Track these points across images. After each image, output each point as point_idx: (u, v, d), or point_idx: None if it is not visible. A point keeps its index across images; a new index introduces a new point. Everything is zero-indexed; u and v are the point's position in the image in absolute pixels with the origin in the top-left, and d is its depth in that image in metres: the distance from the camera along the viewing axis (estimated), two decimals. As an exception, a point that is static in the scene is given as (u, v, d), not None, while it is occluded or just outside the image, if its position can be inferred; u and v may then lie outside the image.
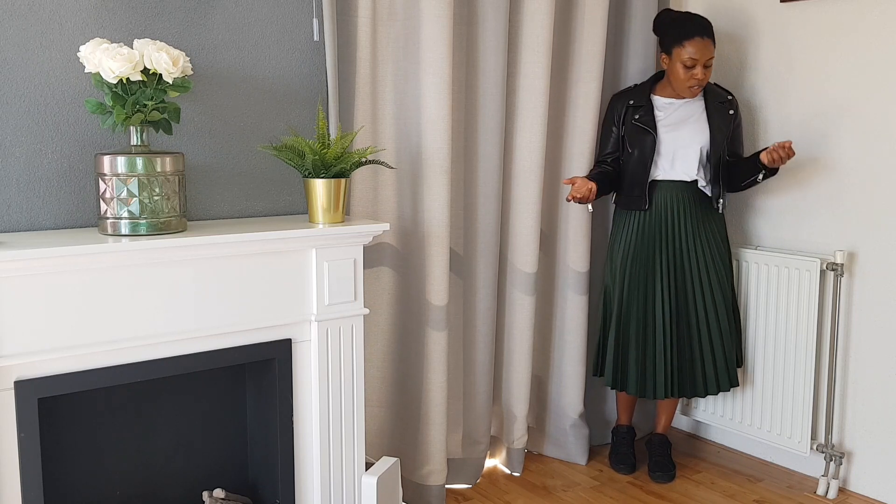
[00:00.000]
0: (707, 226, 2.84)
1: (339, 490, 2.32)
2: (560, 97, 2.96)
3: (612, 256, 2.92)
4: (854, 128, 2.76)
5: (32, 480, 1.85)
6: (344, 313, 2.26)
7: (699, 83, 2.72)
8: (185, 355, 2.04)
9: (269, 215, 2.42)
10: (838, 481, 2.82)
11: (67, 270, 1.84)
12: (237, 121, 2.33)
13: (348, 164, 2.20)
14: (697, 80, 2.71)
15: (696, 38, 2.68)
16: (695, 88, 2.74)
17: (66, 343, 1.87)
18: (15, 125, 1.99)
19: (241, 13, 2.30)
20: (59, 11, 2.03)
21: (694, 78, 2.71)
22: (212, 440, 2.33)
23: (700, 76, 2.71)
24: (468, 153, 2.77)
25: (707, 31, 2.70)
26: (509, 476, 2.99)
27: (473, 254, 2.81)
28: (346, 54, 2.51)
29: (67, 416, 2.08)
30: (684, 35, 2.69)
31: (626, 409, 3.11)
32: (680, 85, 2.75)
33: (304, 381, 2.25)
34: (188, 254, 1.99)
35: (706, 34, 2.69)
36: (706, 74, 2.72)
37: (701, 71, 2.70)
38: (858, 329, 2.80)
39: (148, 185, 1.94)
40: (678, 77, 2.73)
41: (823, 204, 2.87)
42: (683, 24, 2.72)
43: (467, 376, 2.87)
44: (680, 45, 2.70)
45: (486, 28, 2.68)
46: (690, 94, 2.77)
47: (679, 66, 2.71)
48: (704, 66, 2.70)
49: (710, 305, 2.83)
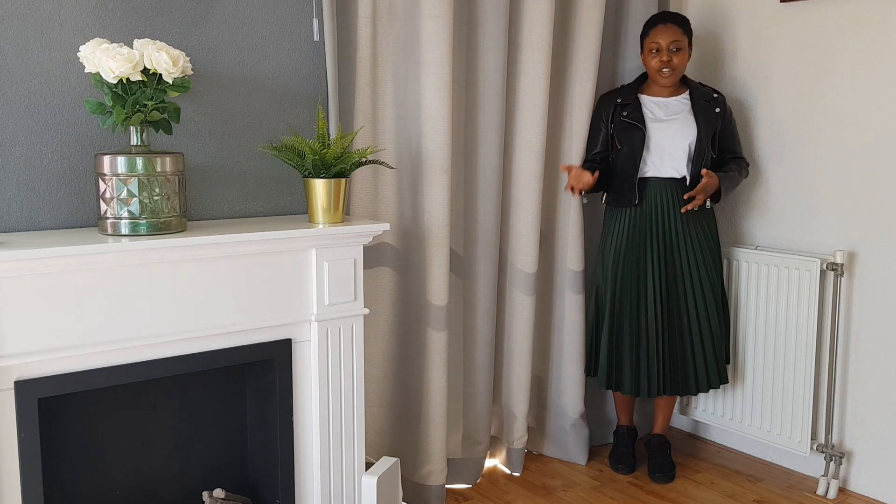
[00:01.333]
0: (697, 223, 2.85)
1: (339, 490, 2.32)
2: (559, 97, 2.96)
3: (604, 255, 2.93)
4: (854, 128, 2.76)
5: (32, 480, 1.85)
6: (344, 313, 2.26)
7: (668, 66, 2.78)
8: (185, 355, 2.04)
9: (269, 215, 2.42)
10: (838, 481, 2.82)
11: (67, 270, 1.84)
12: (237, 121, 2.33)
13: (348, 164, 2.20)
14: (664, 63, 2.77)
15: (658, 25, 2.79)
16: (666, 73, 2.79)
17: (66, 343, 1.87)
18: (15, 125, 1.99)
19: (241, 13, 2.30)
20: (59, 11, 2.03)
21: (661, 61, 2.77)
22: (212, 440, 2.33)
23: (666, 58, 2.77)
24: (468, 153, 2.77)
25: (671, 18, 2.80)
26: (509, 476, 2.99)
27: (473, 254, 2.81)
28: (346, 54, 2.51)
29: (67, 416, 2.08)
30: (649, 25, 2.83)
31: (624, 409, 3.11)
32: (652, 73, 2.82)
33: (304, 381, 2.25)
34: (188, 254, 1.99)
35: (669, 21, 2.79)
36: (678, 59, 2.78)
37: (667, 54, 2.77)
38: (858, 329, 2.80)
39: (148, 185, 1.94)
40: (650, 66, 2.82)
41: (823, 204, 2.87)
42: (651, 17, 2.84)
43: (467, 376, 2.87)
44: (646, 35, 2.82)
45: (486, 28, 2.68)
46: (664, 82, 2.82)
47: (648, 56, 2.81)
48: (671, 49, 2.77)
49: (701, 303, 2.83)
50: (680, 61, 2.79)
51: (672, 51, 2.77)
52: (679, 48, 2.78)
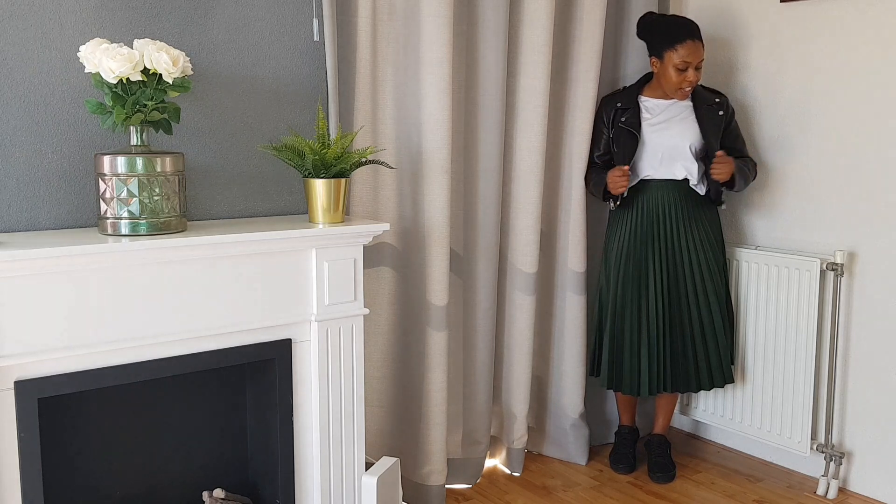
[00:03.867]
0: (700, 224, 2.85)
1: (339, 490, 2.32)
2: (559, 97, 2.96)
3: (607, 256, 2.94)
4: (854, 127, 2.76)
5: (32, 480, 1.85)
6: (344, 313, 2.26)
7: (691, 85, 2.77)
8: (185, 355, 2.04)
9: (269, 215, 2.42)
10: (838, 481, 2.82)
11: (68, 270, 1.84)
12: (237, 121, 2.33)
13: (348, 164, 2.20)
14: (689, 82, 2.76)
15: (687, 42, 2.72)
16: (686, 90, 2.78)
17: (67, 343, 1.86)
18: (15, 125, 1.99)
19: (241, 13, 2.30)
20: (59, 11, 2.03)
21: (686, 80, 2.76)
22: (212, 440, 2.33)
23: (692, 78, 2.75)
24: (468, 153, 2.77)
25: (696, 33, 2.75)
26: (509, 476, 2.99)
27: (473, 254, 2.81)
28: (346, 54, 2.51)
29: (67, 416, 2.08)
30: (676, 38, 2.73)
31: (625, 409, 3.11)
32: (671, 87, 2.79)
33: (304, 382, 2.25)
34: (188, 254, 1.99)
35: (696, 37, 2.74)
36: (697, 76, 2.76)
37: (692, 73, 2.74)
38: (858, 329, 2.80)
39: (148, 185, 1.94)
40: (670, 80, 2.77)
41: (823, 204, 2.87)
42: (672, 27, 2.76)
43: (467, 376, 2.87)
44: (672, 49, 2.73)
45: (486, 28, 2.68)
46: (682, 97, 2.81)
47: (671, 70, 2.75)
48: (695, 68, 2.75)
49: (704, 303, 2.84)
50: (699, 77, 2.78)
51: (696, 69, 2.75)
52: (701, 66, 2.77)
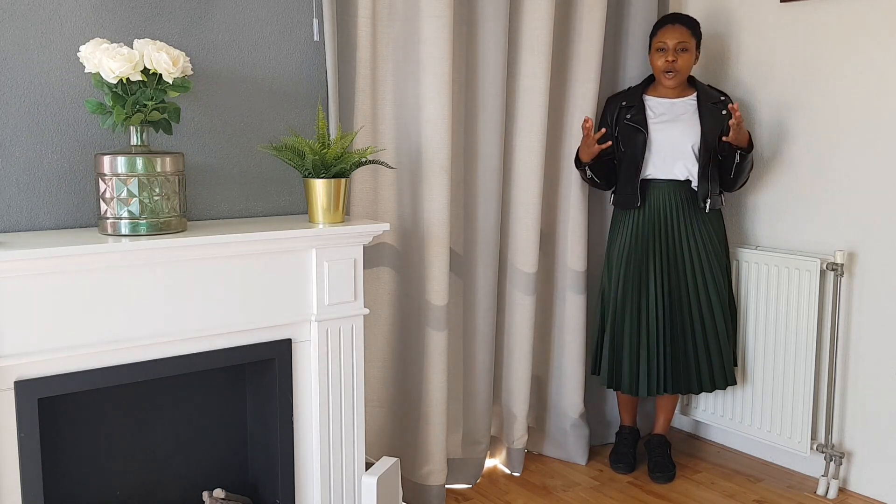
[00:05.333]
0: (702, 225, 2.85)
1: (339, 490, 2.32)
2: (559, 97, 2.96)
3: (609, 256, 2.94)
4: (854, 128, 2.76)
5: (32, 480, 1.85)
6: (344, 313, 2.26)
7: (673, 67, 2.79)
8: (185, 355, 2.04)
9: (269, 215, 2.42)
10: (838, 481, 2.82)
11: (67, 270, 1.84)
12: (237, 121, 2.33)
13: (348, 164, 2.20)
14: (670, 64, 2.78)
15: (667, 25, 2.82)
16: (671, 75, 2.80)
17: (66, 343, 1.86)
18: (15, 125, 1.99)
19: (241, 13, 2.30)
20: (59, 11, 2.03)
21: (667, 62, 2.78)
22: (212, 440, 2.33)
23: (671, 58, 2.78)
24: (468, 153, 2.77)
25: (681, 19, 2.83)
26: (509, 476, 2.99)
27: (473, 254, 2.81)
28: (346, 54, 2.51)
29: (67, 416, 2.08)
30: (657, 26, 2.85)
31: (626, 409, 3.11)
32: (658, 73, 2.84)
33: (304, 381, 2.25)
34: (188, 254, 1.99)
35: (677, 21, 2.82)
36: (682, 60, 2.79)
37: (672, 54, 2.78)
38: (858, 329, 2.80)
39: (148, 185, 1.94)
40: (655, 65, 2.84)
41: (823, 204, 2.87)
42: (661, 17, 2.87)
43: (467, 376, 2.87)
44: (654, 34, 2.85)
45: (486, 28, 2.68)
46: (668, 84, 2.82)
47: (654, 55, 2.83)
48: (677, 50, 2.78)
49: (705, 304, 2.83)
50: (684, 63, 2.80)
51: (678, 51, 2.78)
52: (685, 49, 2.79)
